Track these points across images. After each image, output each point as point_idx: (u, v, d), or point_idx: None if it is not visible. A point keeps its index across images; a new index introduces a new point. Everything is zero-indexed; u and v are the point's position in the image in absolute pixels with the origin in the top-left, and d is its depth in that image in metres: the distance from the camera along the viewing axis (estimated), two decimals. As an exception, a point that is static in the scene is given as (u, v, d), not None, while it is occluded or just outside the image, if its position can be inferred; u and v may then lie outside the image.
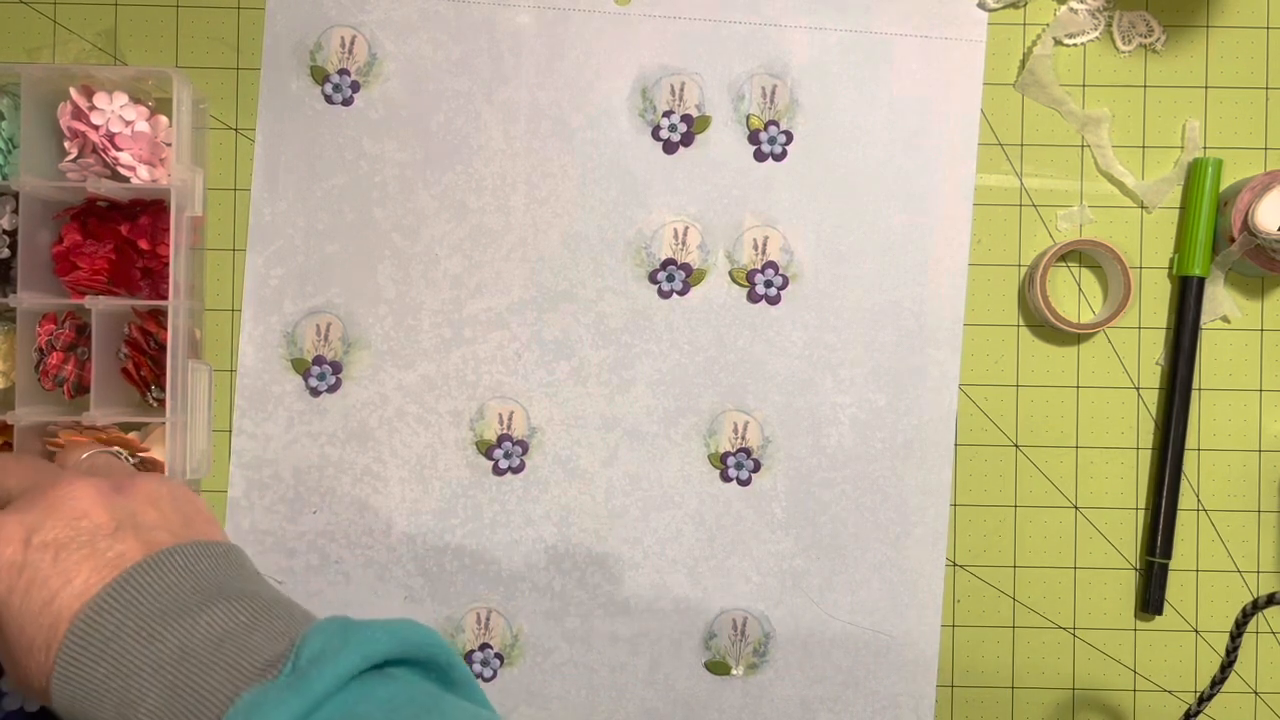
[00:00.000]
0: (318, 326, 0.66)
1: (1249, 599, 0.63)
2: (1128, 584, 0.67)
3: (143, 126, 0.62)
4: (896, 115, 0.67)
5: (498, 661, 0.66)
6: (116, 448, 0.60)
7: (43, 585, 0.43)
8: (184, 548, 0.45)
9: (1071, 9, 0.66)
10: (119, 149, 0.61)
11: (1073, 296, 0.67)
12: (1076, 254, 0.67)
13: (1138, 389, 0.67)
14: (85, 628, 0.42)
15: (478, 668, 0.66)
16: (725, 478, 0.67)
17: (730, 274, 0.67)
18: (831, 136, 0.67)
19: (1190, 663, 0.67)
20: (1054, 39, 0.66)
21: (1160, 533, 0.66)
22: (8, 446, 0.61)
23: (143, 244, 0.62)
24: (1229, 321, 0.67)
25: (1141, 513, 0.67)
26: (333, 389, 0.66)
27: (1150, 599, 0.66)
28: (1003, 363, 0.67)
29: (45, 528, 0.44)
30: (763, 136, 0.66)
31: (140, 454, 0.62)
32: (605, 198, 0.66)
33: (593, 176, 0.66)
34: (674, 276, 0.66)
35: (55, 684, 0.42)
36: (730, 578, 0.66)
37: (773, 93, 0.67)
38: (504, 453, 0.66)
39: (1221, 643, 0.67)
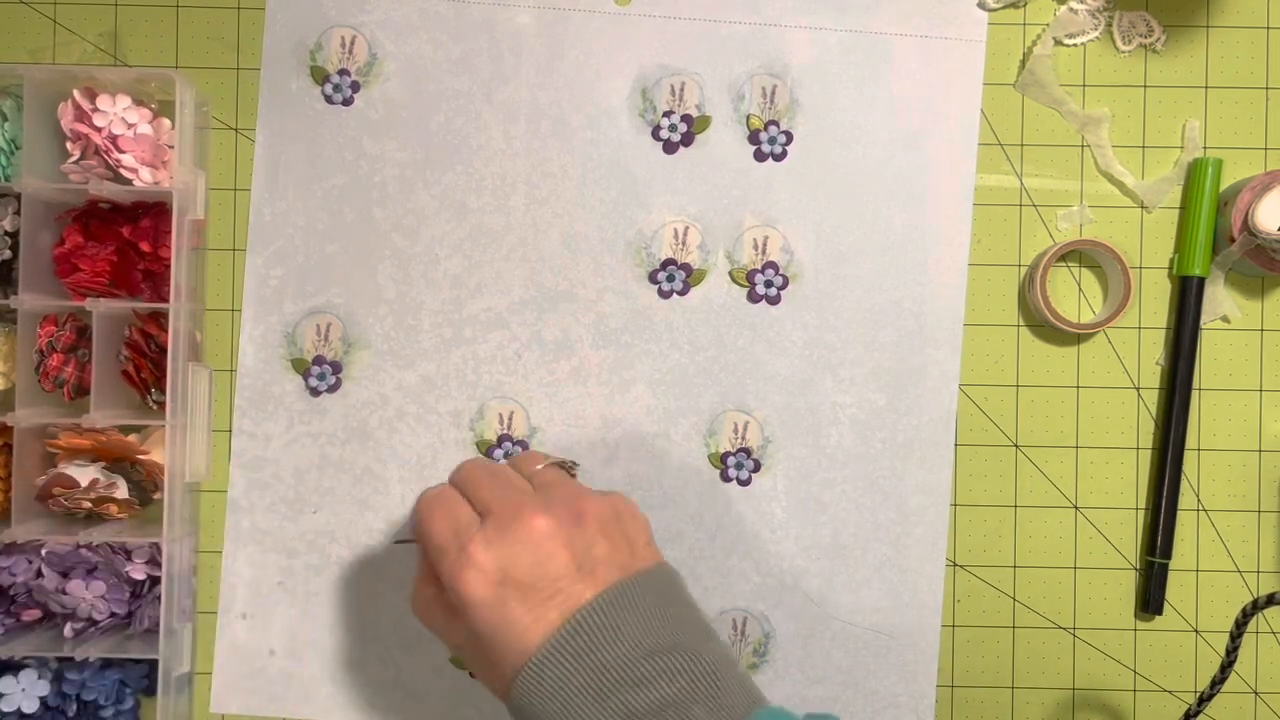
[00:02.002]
0: (318, 326, 0.66)
1: (1249, 599, 0.63)
2: (1128, 584, 0.67)
3: (145, 129, 0.62)
4: (896, 115, 0.67)
5: (498, 661, 0.66)
6: (567, 460, 0.58)
7: (511, 625, 0.46)
8: (629, 584, 0.47)
9: (1071, 9, 0.66)
10: (121, 151, 0.61)
11: (1073, 296, 0.67)
12: (1076, 254, 0.67)
13: (1138, 389, 0.67)
14: (536, 672, 0.45)
15: (478, 667, 0.66)
16: (725, 478, 0.67)
17: (730, 274, 0.67)
18: (831, 136, 0.67)
19: (1190, 663, 0.67)
20: (1054, 39, 0.66)
21: (1160, 533, 0.66)
22: (7, 448, 0.62)
23: (144, 246, 0.62)
24: (1229, 321, 0.67)
25: (1141, 513, 0.67)
26: (333, 389, 0.66)
27: (1150, 599, 0.66)
28: (1003, 363, 0.67)
29: (516, 566, 0.47)
30: (763, 136, 0.66)
31: (140, 457, 0.62)
32: (605, 198, 0.67)
33: (593, 176, 0.66)
34: (674, 276, 0.66)
35: (511, 709, 0.46)
36: (730, 578, 0.66)
37: (773, 93, 0.67)
38: (504, 453, 0.66)
39: (1221, 643, 0.67)
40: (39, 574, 0.62)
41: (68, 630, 0.62)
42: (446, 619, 0.50)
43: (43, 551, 0.62)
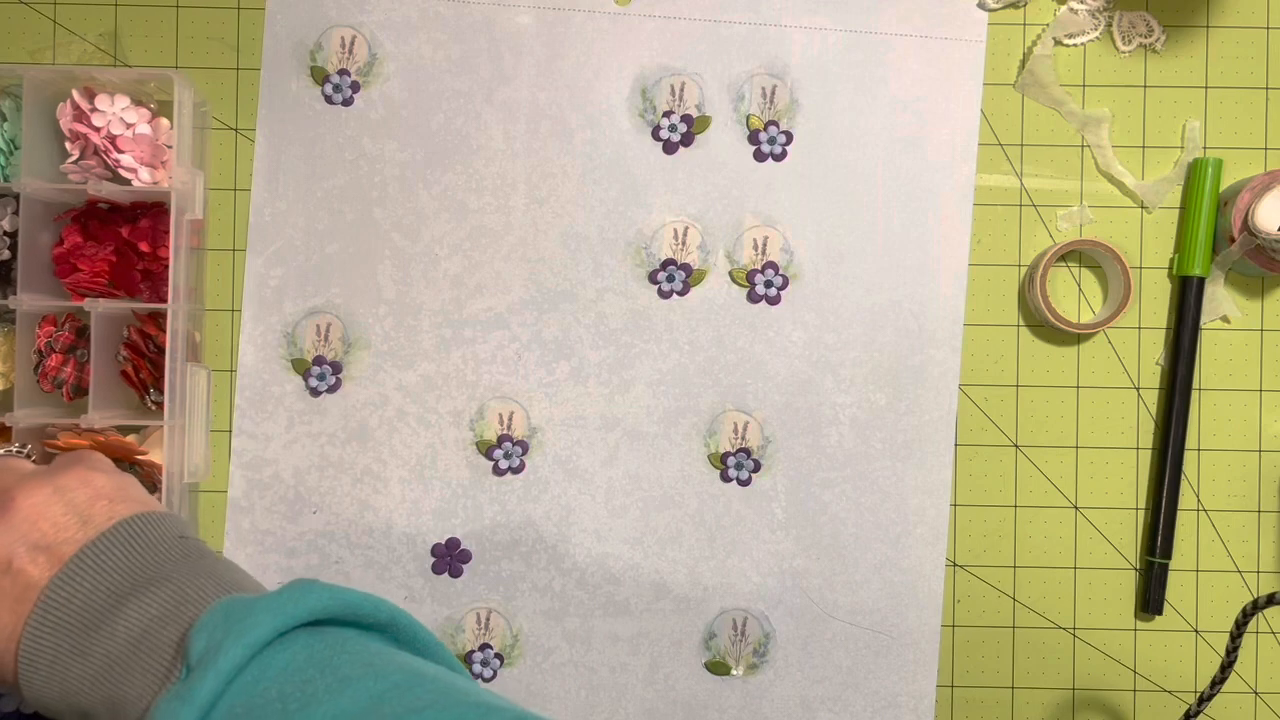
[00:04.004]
0: (318, 326, 0.66)
1: (1249, 599, 0.63)
2: (1128, 584, 0.67)
3: (144, 129, 0.62)
4: (896, 115, 0.67)
5: (498, 661, 0.66)
6: (14, 446, 0.59)
7: None
8: (88, 550, 0.44)
9: (1071, 9, 0.66)
10: (120, 151, 0.61)
11: (1073, 296, 0.67)
12: (1076, 254, 0.67)
13: (1138, 389, 0.67)
14: (27, 663, 0.42)
15: (478, 668, 0.66)
16: (725, 478, 0.67)
17: (730, 274, 0.67)
18: (831, 136, 0.67)
19: (1190, 663, 0.67)
20: (1054, 39, 0.66)
21: (1160, 533, 0.66)
22: (7, 448, 0.62)
23: (143, 246, 0.62)
24: (1229, 321, 0.67)
25: (1141, 513, 0.67)
26: (333, 389, 0.66)
27: (1150, 599, 0.66)
28: (1003, 363, 0.67)
29: None
30: (763, 136, 0.66)
31: (139, 457, 0.62)
32: (605, 198, 0.66)
33: (593, 176, 0.66)
34: (674, 276, 0.66)
35: (26, 707, 0.43)
36: (730, 578, 0.66)
37: (773, 93, 0.67)
38: (504, 453, 0.66)
39: (1221, 643, 0.67)
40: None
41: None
42: None
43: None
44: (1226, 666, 0.57)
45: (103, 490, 0.47)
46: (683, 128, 0.66)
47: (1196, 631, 0.67)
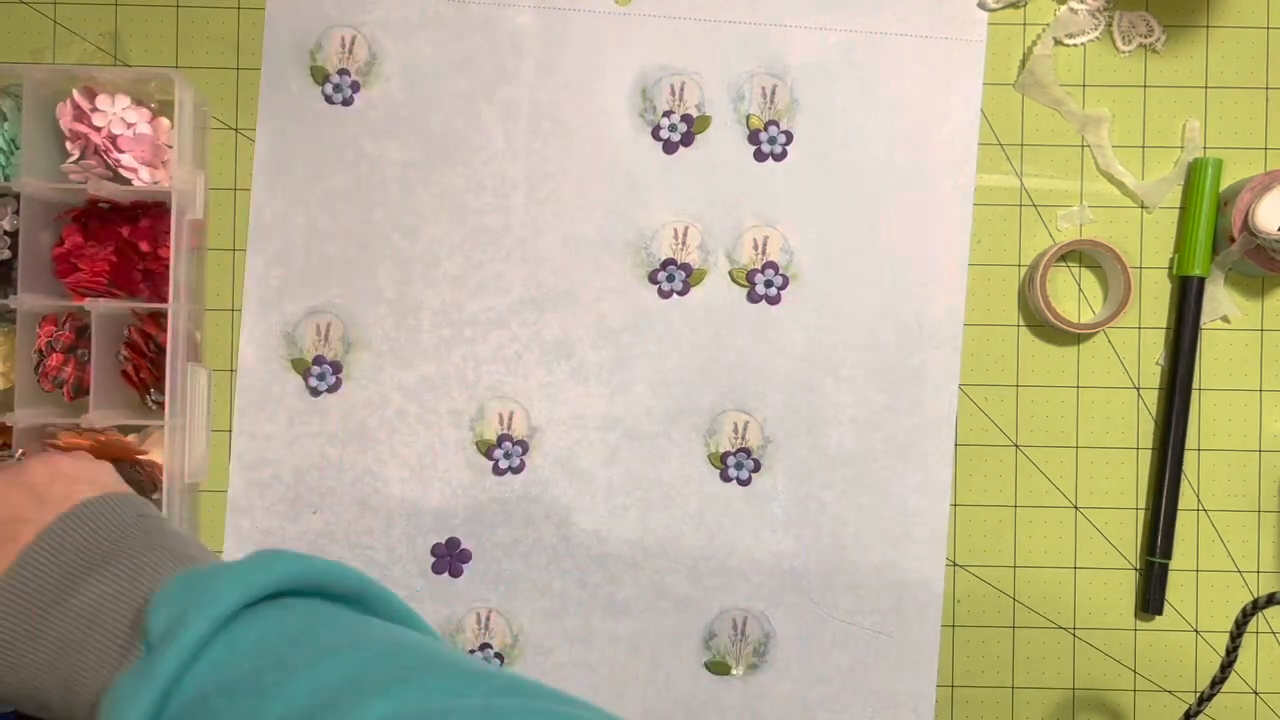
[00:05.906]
0: (318, 326, 0.66)
1: (1249, 599, 0.62)
2: (1128, 584, 0.67)
3: (144, 129, 0.62)
4: (896, 115, 0.66)
5: (498, 661, 0.66)
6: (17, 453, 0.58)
7: None
8: (47, 535, 0.43)
9: (1071, 9, 0.66)
10: (121, 151, 0.61)
11: (1073, 296, 0.67)
12: (1076, 254, 0.67)
13: (1138, 389, 0.67)
14: None
15: (478, 668, 0.66)
16: (725, 478, 0.67)
17: (730, 274, 0.67)
18: (831, 136, 0.67)
19: (1190, 663, 0.67)
20: (1054, 39, 0.66)
21: (1160, 533, 0.66)
22: (6, 449, 0.62)
23: (143, 246, 0.62)
24: (1229, 321, 0.67)
25: (1141, 513, 0.67)
26: (333, 389, 0.66)
27: (1150, 599, 0.66)
28: (1003, 363, 0.67)
29: None
30: (763, 136, 0.66)
31: (139, 457, 0.62)
32: (605, 198, 0.66)
33: (593, 176, 0.66)
34: (674, 276, 0.66)
35: None
36: (730, 578, 0.66)
37: (773, 93, 0.67)
38: (504, 453, 0.66)
39: (1221, 643, 0.66)
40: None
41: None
42: None
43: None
44: (1226, 666, 0.57)
45: (63, 471, 0.46)
46: (683, 128, 0.66)
47: (1196, 631, 0.67)
